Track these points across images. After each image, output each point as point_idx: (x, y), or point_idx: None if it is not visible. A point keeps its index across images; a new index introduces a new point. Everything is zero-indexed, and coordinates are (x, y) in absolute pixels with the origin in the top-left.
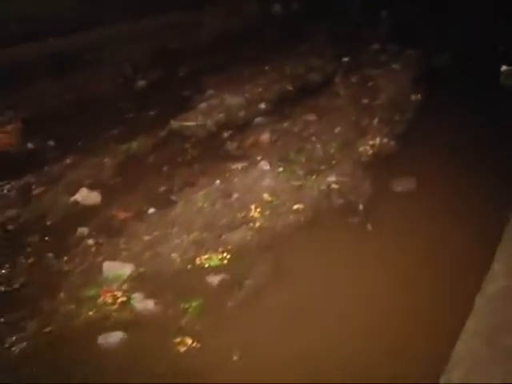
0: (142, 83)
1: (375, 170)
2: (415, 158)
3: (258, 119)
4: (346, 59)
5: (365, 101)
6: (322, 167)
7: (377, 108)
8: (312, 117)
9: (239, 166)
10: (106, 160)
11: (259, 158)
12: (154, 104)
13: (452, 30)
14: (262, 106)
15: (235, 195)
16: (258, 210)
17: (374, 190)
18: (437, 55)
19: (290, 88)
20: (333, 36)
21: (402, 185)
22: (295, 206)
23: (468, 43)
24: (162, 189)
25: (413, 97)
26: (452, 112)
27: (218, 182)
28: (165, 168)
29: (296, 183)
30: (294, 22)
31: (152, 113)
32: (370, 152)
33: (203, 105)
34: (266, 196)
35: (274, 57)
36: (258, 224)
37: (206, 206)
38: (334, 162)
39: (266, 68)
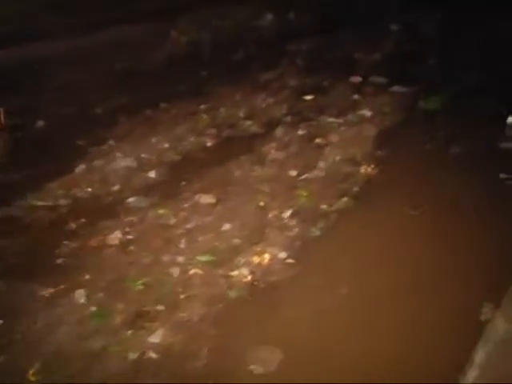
0: (40, 124)
1: (234, 320)
2: (307, 304)
3: (133, 200)
4: (308, 98)
5: (293, 172)
6: (159, 308)
7: (302, 188)
8: (208, 198)
9: (49, 292)
10: None
11: (87, 276)
12: (29, 164)
13: (465, 57)
14: (152, 174)
15: None
16: None
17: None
18: (428, 95)
19: (208, 143)
20: (314, 59)
21: (261, 363)
22: None
23: (472, 79)
24: None
25: (363, 169)
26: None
27: None
28: None
29: (96, 344)
30: (279, 37)
31: (16, 176)
32: (248, 279)
33: (81, 168)
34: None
35: (221, 90)
36: None
37: None
38: (181, 297)
39: (201, 107)
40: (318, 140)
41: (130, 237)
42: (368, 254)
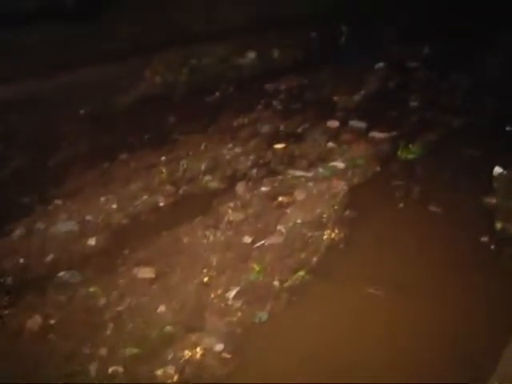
0: None
1: None
2: None
3: (64, 274)
4: (279, 146)
5: (248, 239)
6: None
7: (254, 259)
8: (147, 272)
9: None
10: None
11: None
12: None
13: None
14: (93, 241)
15: None
16: None
17: None
18: (407, 142)
19: (161, 203)
20: (292, 101)
21: None
22: None
23: (457, 123)
24: None
25: (326, 234)
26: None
27: None
28: None
29: None
30: (260, 76)
31: None
32: (174, 379)
33: (19, 232)
34: None
35: (187, 138)
36: None
37: None
38: None
39: (162, 159)
40: (281, 198)
41: (52, 321)
42: (319, 345)
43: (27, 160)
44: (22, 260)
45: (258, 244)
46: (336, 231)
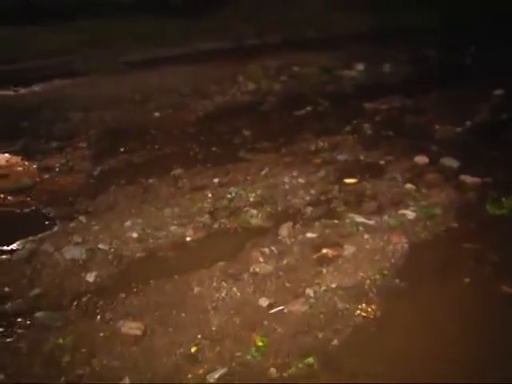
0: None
1: None
2: None
3: (42, 315)
4: (350, 181)
5: (265, 301)
6: None
7: (262, 331)
8: (133, 329)
9: None
10: None
11: None
12: None
13: None
14: (91, 277)
15: None
16: None
17: None
18: (500, 194)
19: (188, 237)
20: (386, 126)
21: None
22: None
23: None
24: None
25: (360, 309)
26: None
27: None
28: None
29: None
30: (362, 91)
31: None
32: None
33: (24, 252)
34: None
35: (253, 158)
36: None
37: None
38: None
39: (214, 181)
40: (325, 250)
41: (0, 376)
42: None
43: (73, 166)
44: (7, 289)
45: (274, 310)
46: (373, 307)
